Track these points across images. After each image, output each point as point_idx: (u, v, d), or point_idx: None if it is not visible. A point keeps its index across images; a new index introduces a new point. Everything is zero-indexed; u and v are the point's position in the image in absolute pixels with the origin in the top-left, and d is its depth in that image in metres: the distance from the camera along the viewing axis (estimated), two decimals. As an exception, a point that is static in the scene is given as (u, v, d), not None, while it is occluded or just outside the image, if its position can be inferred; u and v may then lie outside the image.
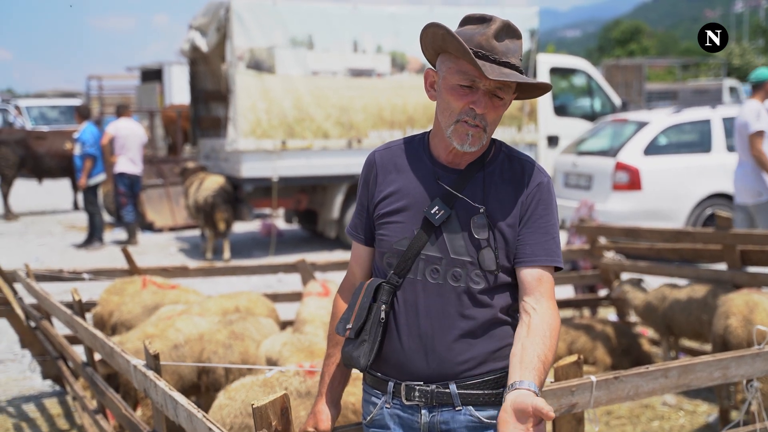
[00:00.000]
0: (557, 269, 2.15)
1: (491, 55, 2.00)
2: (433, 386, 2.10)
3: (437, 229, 2.10)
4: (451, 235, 2.09)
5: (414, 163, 2.19)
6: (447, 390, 2.09)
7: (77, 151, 11.70)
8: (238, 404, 3.59)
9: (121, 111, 12.33)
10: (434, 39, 2.09)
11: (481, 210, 2.08)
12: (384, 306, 2.13)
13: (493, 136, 2.19)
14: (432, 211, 2.09)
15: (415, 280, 2.12)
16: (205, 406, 4.06)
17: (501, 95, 2.05)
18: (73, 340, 4.88)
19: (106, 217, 14.14)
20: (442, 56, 2.11)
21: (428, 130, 2.25)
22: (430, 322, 2.10)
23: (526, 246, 2.11)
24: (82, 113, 12.07)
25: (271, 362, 4.19)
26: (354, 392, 3.42)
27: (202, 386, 4.40)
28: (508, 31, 2.04)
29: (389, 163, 2.22)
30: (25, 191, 16.18)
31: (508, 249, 2.10)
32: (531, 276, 2.09)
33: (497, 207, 2.10)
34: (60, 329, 5.18)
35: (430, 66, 2.19)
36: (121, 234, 12.92)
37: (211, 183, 10.78)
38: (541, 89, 2.14)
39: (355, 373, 2.40)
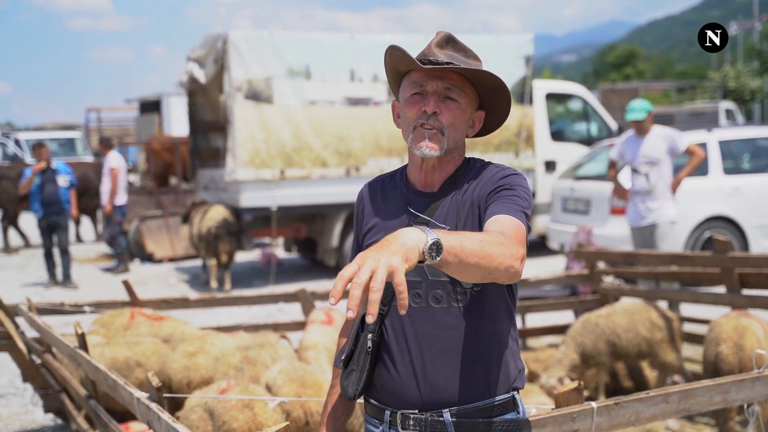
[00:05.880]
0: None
1: (433, 58, 2.07)
2: (428, 414, 2.08)
3: None
4: None
5: (392, 193, 2.23)
6: (441, 418, 2.08)
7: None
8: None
9: (110, 144, 12.98)
10: (387, 68, 2.18)
11: (447, 229, 2.05)
12: (371, 335, 2.13)
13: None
14: None
15: None
16: None
17: (453, 96, 2.09)
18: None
19: (104, 248, 14.16)
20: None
21: None
22: (419, 347, 2.10)
23: (487, 213, 2.04)
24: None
25: (269, 390, 4.21)
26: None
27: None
28: (450, 41, 2.12)
29: (373, 195, 2.28)
30: (25, 224, 16.24)
31: None
32: (489, 223, 1.99)
33: (469, 221, 2.09)
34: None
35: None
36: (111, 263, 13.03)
37: (215, 214, 10.73)
38: (489, 80, 2.09)
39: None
